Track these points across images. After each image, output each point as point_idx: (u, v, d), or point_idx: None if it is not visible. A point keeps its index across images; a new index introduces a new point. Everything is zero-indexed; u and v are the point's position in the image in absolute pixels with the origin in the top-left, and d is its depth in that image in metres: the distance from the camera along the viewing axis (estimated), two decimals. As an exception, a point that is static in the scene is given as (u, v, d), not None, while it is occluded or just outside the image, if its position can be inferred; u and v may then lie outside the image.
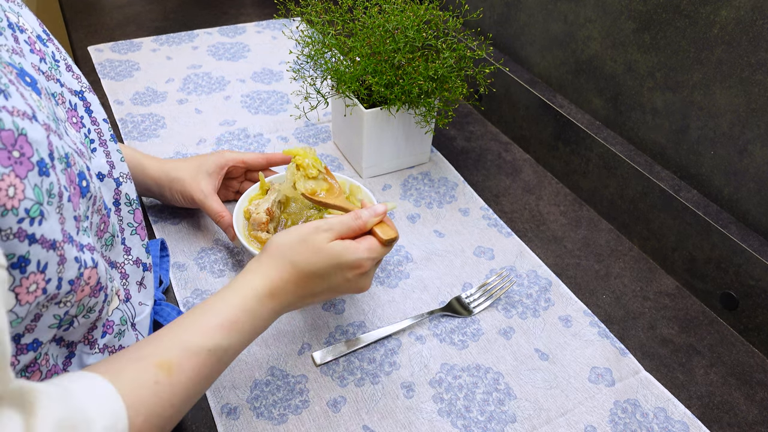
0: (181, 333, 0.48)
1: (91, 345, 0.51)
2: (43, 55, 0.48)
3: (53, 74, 0.50)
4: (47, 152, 0.39)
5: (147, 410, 0.42)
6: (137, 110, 1.02)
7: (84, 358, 0.50)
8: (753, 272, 0.68)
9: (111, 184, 0.55)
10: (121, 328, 0.54)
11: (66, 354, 0.49)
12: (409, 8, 0.82)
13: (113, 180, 0.55)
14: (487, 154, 0.99)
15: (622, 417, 0.62)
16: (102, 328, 0.51)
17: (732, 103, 0.70)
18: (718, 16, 0.68)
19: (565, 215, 0.88)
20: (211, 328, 0.49)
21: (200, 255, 0.77)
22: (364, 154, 0.87)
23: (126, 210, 0.57)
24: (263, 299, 0.53)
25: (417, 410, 0.61)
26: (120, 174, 0.56)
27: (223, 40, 1.25)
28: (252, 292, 0.53)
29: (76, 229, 0.43)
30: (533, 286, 0.76)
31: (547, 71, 0.97)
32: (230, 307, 0.51)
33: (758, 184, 0.69)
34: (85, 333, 0.50)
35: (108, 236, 0.53)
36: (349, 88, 0.82)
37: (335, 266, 0.55)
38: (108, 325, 0.52)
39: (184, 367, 0.46)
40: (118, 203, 0.56)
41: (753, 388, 0.66)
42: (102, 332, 0.51)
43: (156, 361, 0.45)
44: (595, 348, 0.69)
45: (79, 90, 0.53)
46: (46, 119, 0.41)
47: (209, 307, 0.51)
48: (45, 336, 0.43)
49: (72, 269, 0.41)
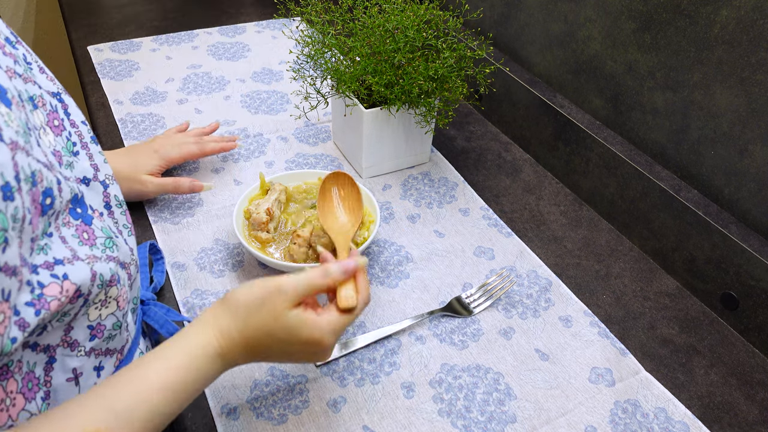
0: (116, 395, 0.45)
1: (72, 347, 0.48)
2: (15, 58, 0.46)
3: (29, 76, 0.48)
4: (12, 174, 0.37)
5: None
6: (137, 110, 1.02)
7: (67, 362, 0.48)
8: (753, 272, 0.68)
9: (98, 188, 0.53)
10: (112, 333, 0.52)
11: (45, 360, 0.47)
12: (409, 8, 0.82)
13: (99, 183, 0.53)
14: (487, 154, 0.99)
15: (623, 417, 0.62)
16: (89, 331, 0.49)
17: (732, 103, 0.70)
18: (719, 15, 0.68)
19: (565, 215, 0.88)
20: (152, 392, 0.46)
21: (200, 255, 0.77)
22: (364, 154, 0.87)
23: (118, 212, 0.55)
24: (213, 360, 0.50)
25: (417, 410, 0.61)
26: (105, 176, 0.54)
27: (223, 39, 1.25)
28: (201, 351, 0.50)
29: (30, 250, 0.41)
30: (533, 286, 0.76)
31: (547, 71, 0.96)
32: (175, 368, 0.48)
33: (758, 184, 0.69)
34: (63, 336, 0.48)
35: (104, 239, 0.51)
36: (349, 88, 0.82)
37: (292, 338, 0.52)
38: (99, 329, 0.50)
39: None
40: (109, 206, 0.54)
41: (753, 388, 0.66)
42: (90, 335, 0.49)
43: (88, 430, 0.42)
44: (596, 348, 0.69)
45: (56, 92, 0.51)
46: (14, 135, 0.39)
47: (151, 364, 0.48)
48: None
49: (24, 293, 0.40)
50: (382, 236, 0.81)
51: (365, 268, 0.57)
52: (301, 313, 0.51)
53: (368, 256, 0.78)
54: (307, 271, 0.53)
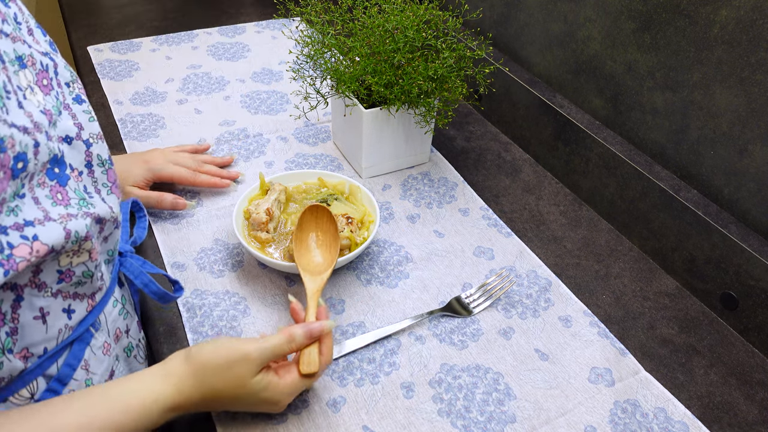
0: (58, 419, 0.46)
1: (40, 288, 0.49)
2: (4, 17, 0.47)
3: (19, 35, 0.48)
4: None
5: None
6: (137, 110, 1.02)
7: (35, 301, 0.49)
8: (753, 272, 0.68)
9: (80, 147, 0.53)
10: (82, 280, 0.53)
11: (13, 297, 0.47)
12: (408, 8, 0.82)
13: (83, 142, 0.53)
14: (486, 154, 0.99)
15: (622, 417, 0.62)
16: (57, 275, 0.50)
17: (732, 102, 0.70)
18: (718, 15, 0.68)
19: (565, 215, 0.88)
20: (93, 429, 0.47)
21: (200, 255, 0.77)
22: (363, 154, 0.87)
23: (99, 171, 0.56)
24: (164, 412, 0.51)
25: (417, 410, 0.61)
26: (90, 135, 0.54)
27: (222, 40, 1.25)
28: (153, 403, 0.51)
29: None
30: (533, 286, 0.76)
31: (546, 71, 0.97)
32: (122, 411, 0.49)
33: (758, 184, 0.69)
34: (31, 277, 0.48)
35: (78, 200, 0.51)
36: (349, 88, 0.82)
37: (251, 398, 0.54)
38: (67, 274, 0.51)
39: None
40: (90, 165, 0.55)
41: (753, 388, 0.66)
42: (58, 279, 0.50)
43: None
44: (595, 348, 0.69)
45: (46, 51, 0.52)
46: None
47: (101, 399, 0.49)
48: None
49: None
50: (382, 236, 0.81)
51: (331, 331, 0.59)
52: (264, 377, 0.54)
53: (368, 256, 0.78)
54: (273, 338, 0.55)
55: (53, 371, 0.52)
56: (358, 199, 0.80)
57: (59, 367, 0.52)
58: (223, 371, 0.53)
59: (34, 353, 0.50)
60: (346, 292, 0.73)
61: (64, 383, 0.53)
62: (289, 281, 0.74)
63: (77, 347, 0.54)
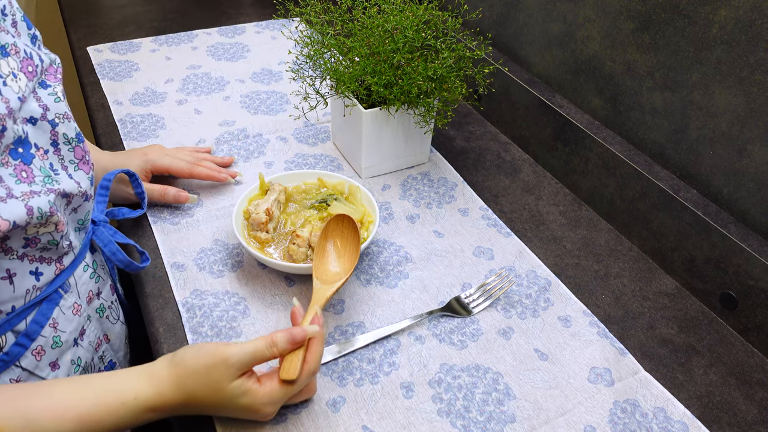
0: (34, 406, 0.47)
1: (6, 252, 0.51)
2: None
3: (3, 26, 0.51)
4: None
5: None
6: (136, 111, 1.02)
7: (1, 263, 0.51)
8: (752, 272, 0.68)
9: (46, 127, 0.56)
10: (47, 246, 0.55)
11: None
12: (408, 8, 0.82)
13: (48, 122, 0.56)
14: (486, 154, 0.99)
15: (622, 417, 0.62)
16: (24, 241, 0.52)
17: (731, 102, 0.70)
18: (717, 15, 0.68)
19: (565, 215, 0.88)
20: (68, 419, 0.48)
21: (200, 255, 0.77)
22: (363, 154, 0.87)
23: (66, 149, 0.58)
24: (143, 412, 0.52)
25: (416, 410, 0.61)
26: (56, 115, 0.57)
27: (222, 40, 1.25)
28: (133, 401, 0.51)
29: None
30: (532, 286, 0.76)
31: (546, 71, 0.97)
32: (102, 405, 0.50)
33: (757, 184, 0.69)
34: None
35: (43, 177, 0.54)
36: (348, 88, 0.82)
37: (230, 404, 0.54)
38: (34, 241, 0.53)
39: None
40: (56, 143, 0.57)
41: (752, 388, 0.66)
42: (24, 244, 0.52)
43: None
44: (595, 348, 0.69)
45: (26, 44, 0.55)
46: None
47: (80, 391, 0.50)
48: None
49: None
50: (382, 236, 0.81)
51: (323, 337, 0.58)
52: (244, 383, 0.54)
53: (368, 256, 0.78)
54: (254, 342, 0.55)
55: (21, 327, 0.55)
56: (358, 200, 0.80)
57: (27, 324, 0.56)
58: (201, 376, 0.53)
59: (2, 310, 0.53)
60: (346, 292, 0.73)
61: (32, 338, 0.56)
62: (288, 281, 0.74)
63: (46, 306, 0.57)
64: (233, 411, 0.55)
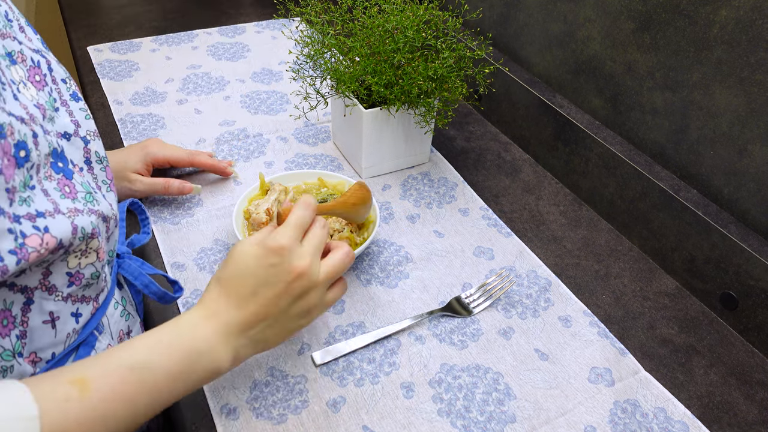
0: (108, 351, 0.47)
1: (50, 291, 0.49)
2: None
3: (9, 32, 0.49)
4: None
5: (52, 427, 0.41)
6: (137, 110, 1.02)
7: (45, 305, 0.49)
8: (753, 272, 0.68)
9: (79, 143, 0.54)
10: (90, 282, 0.53)
11: (23, 300, 0.48)
12: (408, 8, 0.82)
13: (80, 139, 0.54)
14: (486, 154, 0.99)
15: (622, 417, 0.62)
16: (67, 278, 0.50)
17: (731, 102, 0.70)
18: (718, 15, 0.68)
19: (565, 215, 0.88)
20: (136, 345, 0.48)
21: (200, 255, 0.77)
22: (363, 154, 0.87)
23: (98, 168, 0.56)
24: (197, 321, 0.51)
25: (416, 410, 0.61)
26: (87, 132, 0.55)
27: (222, 40, 1.25)
28: (186, 316, 0.51)
29: (9, 200, 0.42)
30: (533, 286, 0.76)
31: (546, 71, 0.97)
32: (162, 329, 0.50)
33: (758, 184, 0.69)
34: (41, 279, 0.48)
35: (85, 194, 0.51)
36: (349, 88, 0.82)
37: (251, 256, 0.52)
38: (77, 276, 0.51)
39: (100, 384, 0.44)
40: (89, 161, 0.55)
41: (753, 388, 0.66)
42: (68, 282, 0.50)
43: (70, 378, 0.44)
44: (595, 348, 0.69)
45: (37, 49, 0.52)
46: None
47: (148, 331, 0.50)
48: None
49: (7, 240, 0.41)
50: (382, 236, 0.81)
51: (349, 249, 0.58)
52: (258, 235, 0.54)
53: (368, 256, 0.78)
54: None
55: None
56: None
57: None
58: (223, 263, 0.53)
59: (42, 358, 0.50)
60: (346, 292, 0.73)
61: None
62: (289, 281, 0.74)
63: (83, 351, 0.54)
64: (266, 268, 0.52)
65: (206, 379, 0.51)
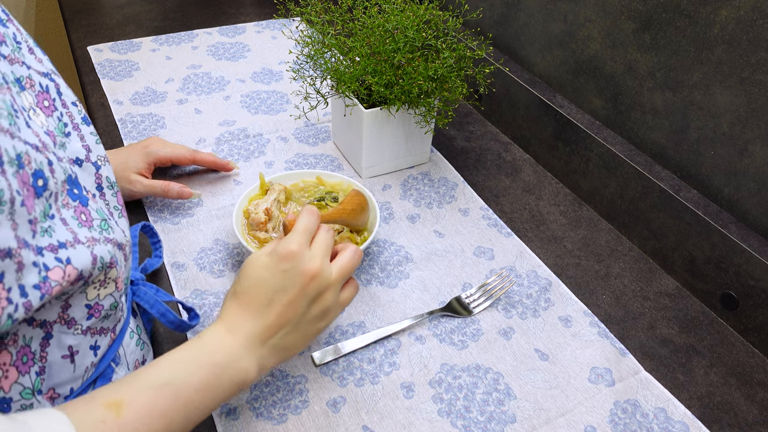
0: (136, 372, 0.47)
1: (69, 324, 0.48)
2: (3, 38, 0.46)
3: (18, 57, 0.47)
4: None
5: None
6: (137, 110, 1.02)
7: (64, 339, 0.48)
8: (753, 272, 0.68)
9: (90, 169, 0.53)
10: (109, 313, 0.52)
11: (42, 335, 0.47)
12: (408, 8, 0.82)
13: (92, 164, 0.53)
14: (487, 154, 0.99)
15: (622, 417, 0.62)
16: (87, 310, 0.49)
17: (732, 103, 0.70)
18: (718, 15, 0.68)
19: (565, 215, 0.88)
20: (163, 364, 0.48)
21: (200, 255, 0.77)
22: (363, 154, 0.87)
23: (110, 194, 0.55)
24: (220, 336, 0.52)
25: (417, 410, 0.61)
26: (98, 157, 0.54)
27: (222, 40, 1.25)
28: (208, 332, 0.52)
29: (32, 232, 0.41)
30: (533, 286, 0.76)
31: (546, 71, 0.97)
32: (186, 346, 0.51)
33: (758, 184, 0.69)
34: (60, 313, 0.48)
35: (100, 221, 0.50)
36: (349, 88, 0.82)
37: (264, 266, 0.53)
38: (96, 308, 0.50)
39: (134, 404, 0.45)
40: (101, 187, 0.54)
41: (753, 388, 0.66)
42: (87, 314, 0.49)
43: (105, 401, 0.44)
44: (595, 348, 0.69)
45: (46, 72, 0.51)
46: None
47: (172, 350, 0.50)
48: None
49: (32, 274, 0.40)
50: (382, 236, 0.81)
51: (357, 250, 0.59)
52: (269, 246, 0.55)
53: (368, 256, 0.78)
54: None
55: None
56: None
57: None
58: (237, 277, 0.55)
59: (60, 394, 0.49)
60: (346, 292, 0.73)
61: None
62: (289, 281, 0.74)
63: (100, 384, 0.53)
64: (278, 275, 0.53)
65: (235, 392, 0.52)
